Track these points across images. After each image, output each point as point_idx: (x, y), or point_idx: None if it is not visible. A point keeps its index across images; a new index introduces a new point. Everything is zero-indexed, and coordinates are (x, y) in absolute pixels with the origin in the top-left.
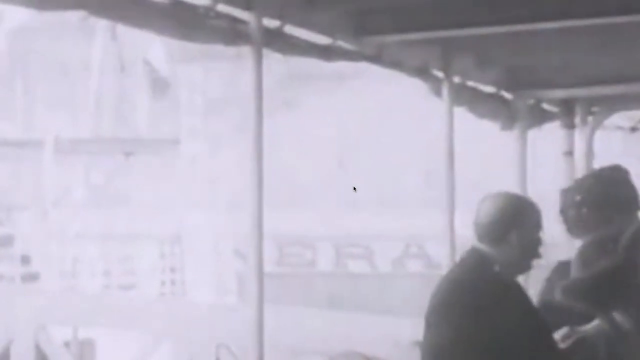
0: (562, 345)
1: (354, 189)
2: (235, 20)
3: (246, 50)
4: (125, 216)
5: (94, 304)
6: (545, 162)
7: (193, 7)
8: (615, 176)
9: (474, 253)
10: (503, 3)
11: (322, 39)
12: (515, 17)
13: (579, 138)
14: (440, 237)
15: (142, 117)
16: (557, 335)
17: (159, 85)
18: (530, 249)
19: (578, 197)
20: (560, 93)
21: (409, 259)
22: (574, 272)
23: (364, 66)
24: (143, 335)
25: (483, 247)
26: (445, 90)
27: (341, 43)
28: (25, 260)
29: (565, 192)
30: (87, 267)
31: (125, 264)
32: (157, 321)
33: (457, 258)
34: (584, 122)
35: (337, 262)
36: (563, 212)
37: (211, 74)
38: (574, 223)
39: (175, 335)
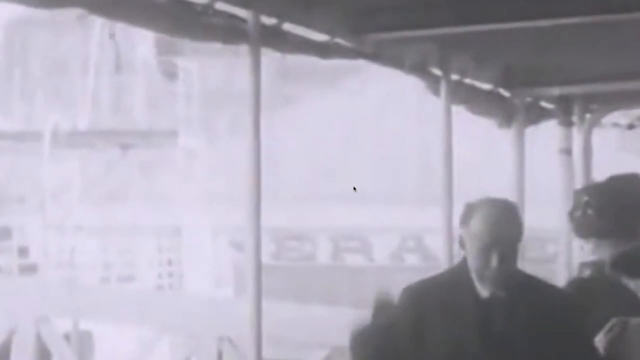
0: (604, 338)
1: (354, 189)
2: (233, 18)
3: (244, 47)
4: (123, 209)
5: (93, 297)
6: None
7: (191, 5)
8: (628, 185)
9: None
10: (500, 1)
11: (320, 37)
12: (513, 14)
13: (577, 136)
14: (438, 230)
15: (139, 109)
16: (607, 326)
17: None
18: (473, 257)
19: (585, 198)
20: (557, 91)
21: (407, 253)
22: None
23: (362, 62)
24: (143, 328)
25: None
26: (442, 88)
27: (339, 40)
28: (22, 251)
29: (576, 193)
30: (85, 259)
31: (124, 256)
32: (158, 314)
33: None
34: (581, 119)
35: (335, 255)
36: (571, 213)
37: (209, 67)
38: (579, 224)
39: (176, 328)
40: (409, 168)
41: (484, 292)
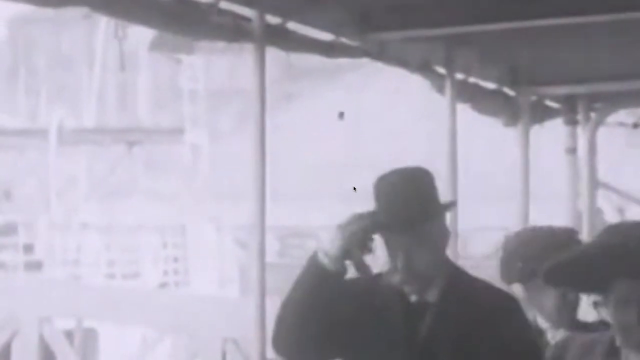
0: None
1: (354, 188)
2: (237, 17)
3: (249, 45)
4: (128, 206)
5: (96, 297)
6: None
7: (196, 4)
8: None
9: None
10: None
11: (324, 36)
12: (518, 13)
13: (582, 134)
14: None
15: (144, 107)
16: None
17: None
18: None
19: (503, 240)
20: (563, 90)
21: None
22: None
23: (365, 59)
24: (147, 328)
25: None
26: (447, 87)
27: (344, 39)
28: (28, 248)
29: (506, 239)
30: (90, 256)
31: (129, 253)
32: (161, 314)
33: None
34: (586, 118)
35: None
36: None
37: (213, 64)
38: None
39: (180, 329)
40: (412, 164)
41: (412, 295)
